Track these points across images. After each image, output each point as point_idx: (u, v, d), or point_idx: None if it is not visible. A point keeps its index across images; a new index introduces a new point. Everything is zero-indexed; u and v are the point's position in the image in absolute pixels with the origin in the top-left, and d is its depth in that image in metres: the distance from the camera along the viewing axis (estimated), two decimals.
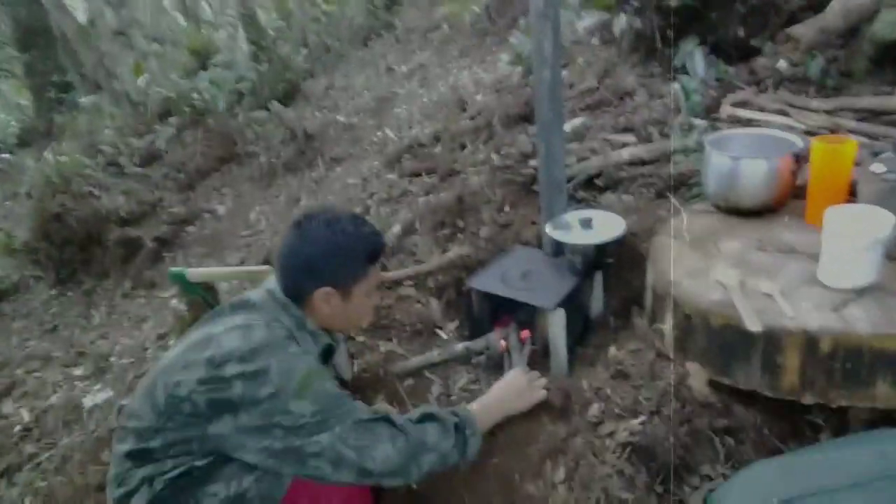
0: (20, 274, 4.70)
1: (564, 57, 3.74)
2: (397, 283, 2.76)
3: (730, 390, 1.64)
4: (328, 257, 1.51)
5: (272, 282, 1.62)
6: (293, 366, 1.40)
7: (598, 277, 2.55)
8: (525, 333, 2.46)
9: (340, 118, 5.40)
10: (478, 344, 2.49)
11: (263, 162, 5.21)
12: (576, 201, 2.83)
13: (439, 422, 1.55)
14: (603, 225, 2.47)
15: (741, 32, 3.09)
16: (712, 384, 1.66)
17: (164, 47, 6.93)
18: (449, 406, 2.25)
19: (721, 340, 1.59)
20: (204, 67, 5.82)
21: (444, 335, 2.62)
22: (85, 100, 6.06)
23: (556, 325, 2.31)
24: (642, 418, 1.76)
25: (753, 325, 1.49)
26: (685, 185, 2.53)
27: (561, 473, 1.85)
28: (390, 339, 2.60)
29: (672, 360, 1.77)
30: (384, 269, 2.85)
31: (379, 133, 5.07)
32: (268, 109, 5.37)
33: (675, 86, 3.08)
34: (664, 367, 1.79)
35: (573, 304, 2.39)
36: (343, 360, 2.47)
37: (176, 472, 1.41)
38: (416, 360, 2.45)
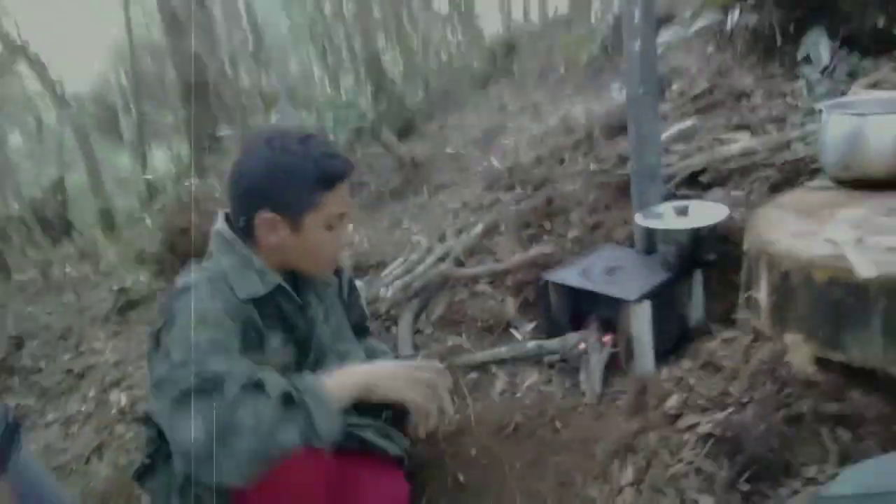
0: (149, 287, 5.06)
1: (673, 63, 3.51)
2: (473, 279, 2.60)
3: (842, 369, 1.28)
4: (268, 178, 1.30)
5: (220, 221, 1.42)
6: (190, 308, 1.21)
7: (698, 278, 2.22)
8: (607, 337, 2.19)
9: (449, 150, 5.46)
10: (552, 343, 2.25)
11: (373, 190, 5.35)
12: (675, 199, 2.54)
13: (263, 394, 1.16)
14: (701, 213, 2.17)
15: (881, 22, 2.71)
16: (819, 362, 1.31)
17: (296, 90, 7.55)
18: (513, 404, 2.03)
19: (828, 302, 1.26)
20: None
21: (518, 336, 2.39)
22: (228, 139, 6.68)
23: (640, 321, 2.02)
24: (730, 410, 1.43)
25: (867, 270, 1.16)
26: (804, 175, 2.18)
27: (629, 474, 1.55)
28: (459, 334, 2.42)
29: (765, 335, 1.44)
30: (459, 265, 2.71)
31: (484, 163, 5.04)
32: (383, 145, 5.56)
33: (798, 83, 2.74)
34: (760, 347, 1.46)
35: (663, 300, 2.09)
36: (405, 344, 2.33)
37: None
38: (481, 354, 2.25)
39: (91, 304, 5.49)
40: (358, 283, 2.00)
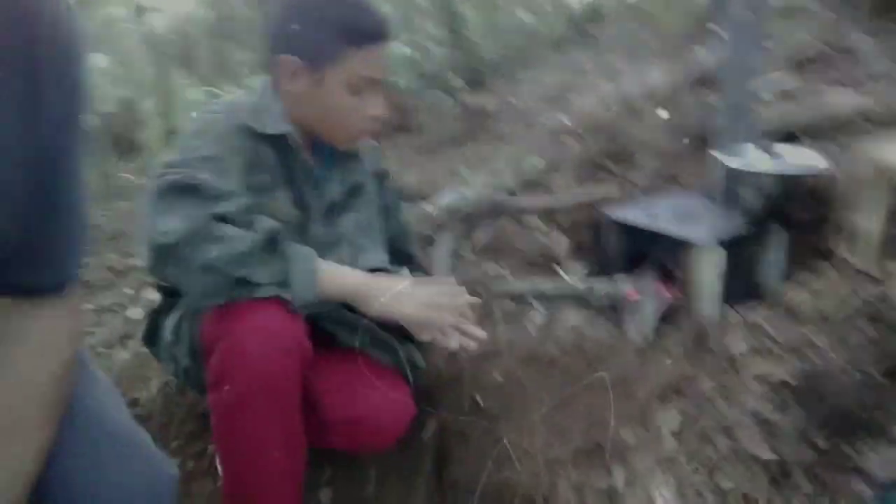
0: None
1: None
2: (525, 211, 2.38)
3: None
4: (291, 18, 1.22)
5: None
6: (203, 120, 1.23)
7: (782, 235, 1.95)
8: (667, 290, 1.95)
9: (516, 101, 5.19)
10: (604, 285, 2.02)
11: (432, 135, 5.15)
12: None
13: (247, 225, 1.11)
14: (796, 158, 1.89)
15: None
16: None
17: None
18: (549, 336, 1.83)
19: None
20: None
21: (565, 277, 2.18)
22: None
23: (711, 270, 1.78)
24: (807, 363, 1.19)
25: None
26: None
27: (674, 419, 1.33)
28: (502, 265, 2.22)
29: (869, 276, 1.19)
30: (512, 194, 2.50)
31: (553, 118, 4.75)
32: (449, 94, 5.33)
33: None
34: (859, 292, 1.21)
35: (739, 253, 1.83)
36: (442, 265, 2.16)
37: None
38: (521, 284, 2.05)
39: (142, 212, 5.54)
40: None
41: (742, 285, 1.88)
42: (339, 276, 1.20)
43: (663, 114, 2.77)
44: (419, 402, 1.70)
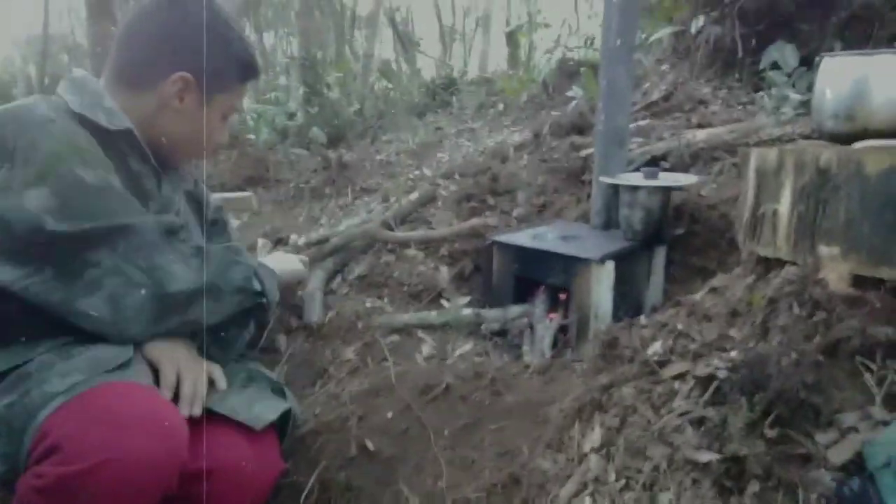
0: None
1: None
2: (402, 245, 2.21)
3: (894, 290, 1.01)
4: (196, 38, 1.18)
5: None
6: (39, 137, 1.02)
7: (661, 255, 1.96)
8: (553, 314, 1.86)
9: (380, 157, 5.13)
10: (492, 312, 1.89)
11: (291, 187, 4.89)
12: None
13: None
14: (670, 179, 1.93)
15: (837, 46, 2.70)
16: (860, 282, 1.03)
17: None
18: (442, 367, 1.63)
19: (882, 200, 0.99)
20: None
21: (449, 307, 2.01)
22: None
23: (603, 285, 1.72)
24: (735, 352, 1.12)
25: None
26: None
27: (596, 437, 1.18)
28: (381, 297, 2.01)
29: (781, 262, 1.15)
30: (389, 228, 2.33)
31: (416, 172, 4.73)
32: (308, 149, 5.16)
33: (759, 94, 2.66)
34: (773, 279, 1.18)
35: (626, 268, 1.80)
36: (313, 300, 1.90)
37: None
38: (406, 317, 1.85)
39: None
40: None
41: (629, 301, 1.85)
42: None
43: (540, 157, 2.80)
44: (293, 457, 1.42)
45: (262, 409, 1.20)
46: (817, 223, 1.08)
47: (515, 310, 1.89)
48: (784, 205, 1.14)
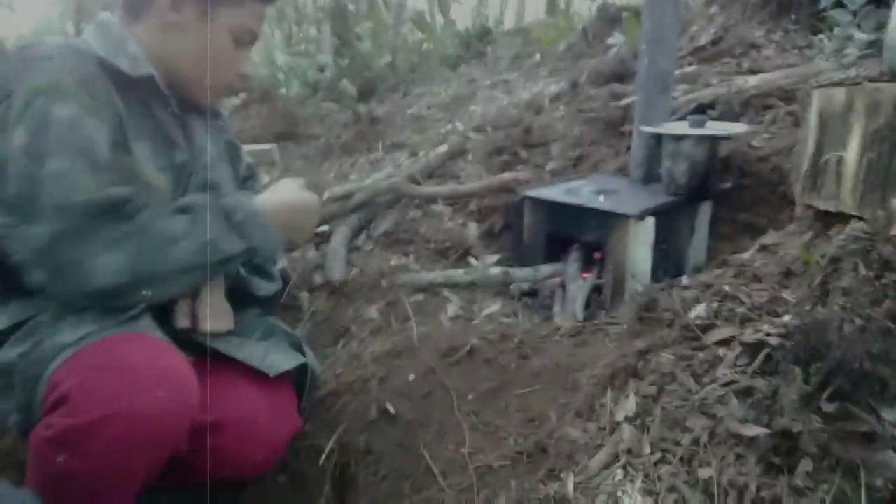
0: None
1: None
2: (429, 200, 2.12)
3: None
4: None
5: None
6: (30, 74, 0.96)
7: (706, 211, 1.83)
8: (587, 273, 1.76)
9: (411, 110, 4.99)
10: (522, 272, 1.80)
11: (322, 142, 4.81)
12: None
13: (192, 211, 1.03)
14: (717, 128, 1.78)
15: None
16: None
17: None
18: (468, 327, 1.56)
19: None
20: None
21: (478, 265, 1.93)
22: None
23: (642, 242, 1.60)
24: (789, 317, 1.01)
25: None
26: None
27: (630, 405, 1.10)
28: (406, 255, 1.94)
29: (846, 215, 1.03)
30: (416, 183, 2.24)
31: (448, 125, 4.59)
32: (339, 102, 5.05)
33: (818, 37, 2.43)
34: (835, 236, 1.05)
35: (667, 224, 1.68)
36: (336, 257, 1.83)
37: None
38: (431, 275, 1.77)
39: None
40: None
41: (670, 260, 1.73)
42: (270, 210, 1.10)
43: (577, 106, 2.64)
44: (312, 418, 1.38)
45: (278, 359, 1.15)
46: (891, 172, 0.94)
47: (546, 269, 1.79)
48: (852, 151, 1.00)
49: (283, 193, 1.14)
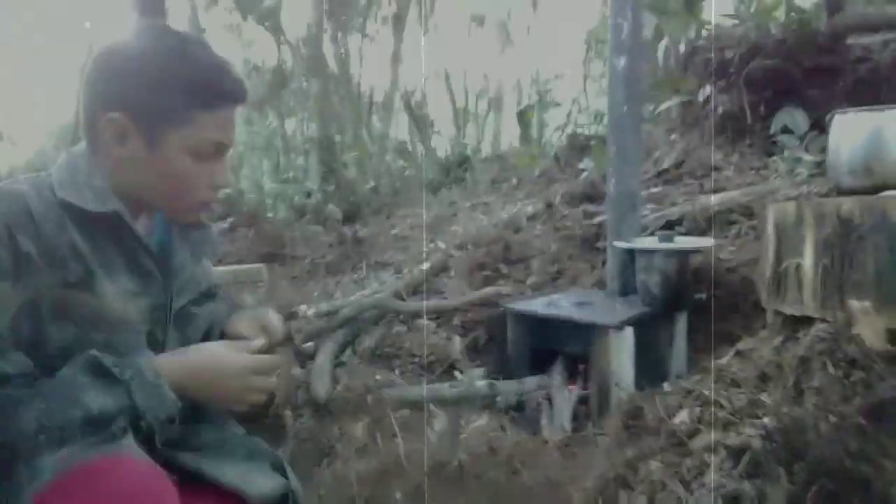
0: None
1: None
2: (414, 316, 2.16)
3: None
4: (129, 68, 1.01)
5: None
6: None
7: (682, 323, 1.89)
8: (573, 385, 1.78)
9: (394, 231, 5.16)
10: (508, 385, 1.81)
11: (307, 262, 4.91)
12: None
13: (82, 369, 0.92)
14: (685, 242, 1.89)
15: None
16: (894, 338, 0.96)
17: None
18: (454, 447, 1.54)
19: None
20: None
21: (464, 379, 1.93)
22: None
23: (622, 351, 1.64)
24: (768, 419, 1.03)
25: None
26: None
27: None
28: (392, 370, 1.94)
29: (810, 319, 1.08)
30: (401, 299, 2.28)
31: (431, 244, 4.73)
32: (325, 225, 5.23)
33: (772, 158, 2.65)
34: (802, 338, 1.10)
35: (646, 334, 1.72)
36: (321, 374, 1.83)
37: None
38: (417, 390, 1.77)
39: None
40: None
41: (652, 368, 1.76)
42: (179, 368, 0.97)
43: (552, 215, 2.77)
44: None
45: (261, 484, 1.11)
46: (844, 276, 1.01)
47: (532, 381, 1.81)
48: (808, 258, 1.08)
49: (192, 354, 1.03)
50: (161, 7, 2.35)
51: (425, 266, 2.54)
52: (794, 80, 2.83)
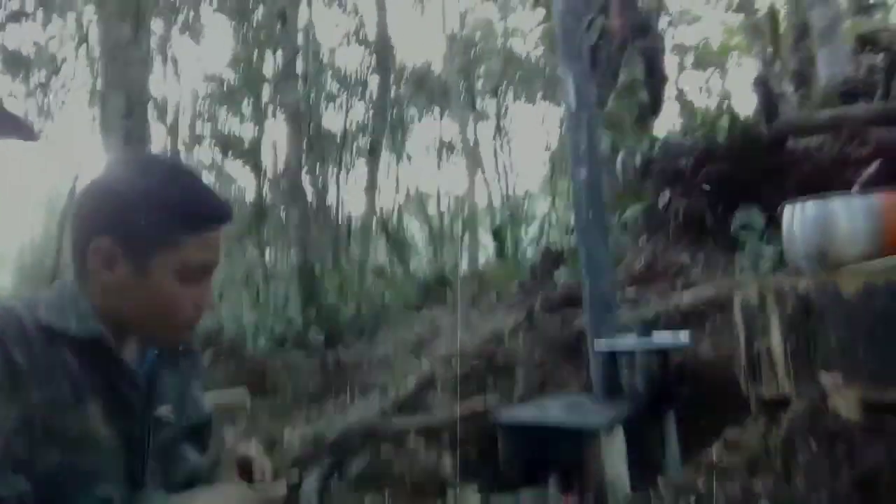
0: None
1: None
2: (402, 434, 2.12)
3: None
4: (116, 197, 1.04)
5: None
6: None
7: (671, 417, 1.88)
8: (569, 494, 1.73)
9: (377, 352, 5.13)
10: (504, 499, 1.75)
11: (289, 393, 4.82)
12: None
13: None
14: (663, 337, 1.92)
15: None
16: (870, 407, 0.98)
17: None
18: None
19: (869, 318, 0.99)
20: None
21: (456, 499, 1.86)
22: None
23: (614, 453, 1.62)
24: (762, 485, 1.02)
25: None
26: None
27: None
28: (381, 494, 1.86)
29: (788, 398, 1.11)
30: (386, 416, 2.24)
31: (415, 361, 4.72)
32: (308, 352, 5.20)
33: (736, 255, 2.77)
34: (782, 420, 1.12)
35: (636, 434, 1.71)
36: (310, 491, 1.76)
37: None
38: None
39: None
40: None
41: (644, 467, 1.72)
42: None
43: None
44: None
45: None
46: (812, 352, 1.05)
47: (528, 495, 1.75)
48: (775, 339, 1.13)
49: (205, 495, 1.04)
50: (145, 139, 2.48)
51: (411, 384, 2.52)
52: (746, 181, 3.02)
